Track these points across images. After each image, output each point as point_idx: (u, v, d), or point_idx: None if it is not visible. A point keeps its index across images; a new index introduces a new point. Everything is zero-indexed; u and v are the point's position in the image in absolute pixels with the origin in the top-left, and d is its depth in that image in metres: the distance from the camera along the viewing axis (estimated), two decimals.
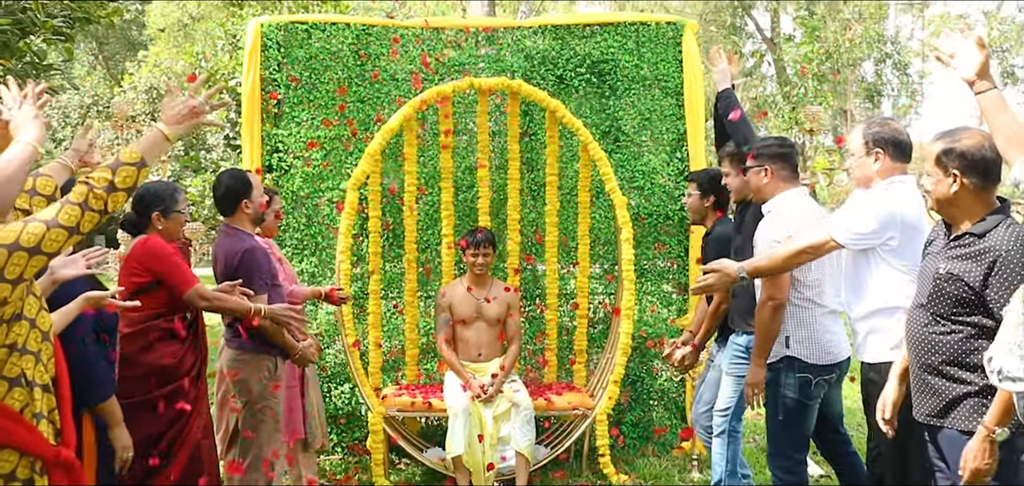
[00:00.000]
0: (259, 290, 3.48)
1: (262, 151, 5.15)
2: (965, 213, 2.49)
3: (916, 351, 2.58)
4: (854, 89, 19.71)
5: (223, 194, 3.62)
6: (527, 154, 5.34)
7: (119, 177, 2.12)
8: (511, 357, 4.75)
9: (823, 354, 3.27)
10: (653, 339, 5.33)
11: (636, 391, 5.38)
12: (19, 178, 2.12)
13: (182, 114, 2.33)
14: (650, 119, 5.39)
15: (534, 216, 5.36)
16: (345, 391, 5.25)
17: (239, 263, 3.47)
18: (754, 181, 3.48)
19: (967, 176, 2.45)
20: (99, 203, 2.08)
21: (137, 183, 2.17)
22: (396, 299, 5.31)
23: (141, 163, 2.17)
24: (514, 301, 4.89)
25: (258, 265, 3.52)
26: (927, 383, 2.54)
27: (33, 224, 1.99)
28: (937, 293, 2.49)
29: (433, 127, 5.29)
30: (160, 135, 2.28)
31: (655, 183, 5.37)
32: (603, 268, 5.45)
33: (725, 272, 3.14)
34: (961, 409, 2.45)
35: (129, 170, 2.14)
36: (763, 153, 3.47)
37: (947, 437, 2.49)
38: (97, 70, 22.15)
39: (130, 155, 2.16)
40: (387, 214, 5.22)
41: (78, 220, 2.04)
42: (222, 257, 3.55)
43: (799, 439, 3.35)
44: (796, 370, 3.26)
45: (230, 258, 3.51)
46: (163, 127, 2.30)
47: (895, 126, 3.10)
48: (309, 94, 5.24)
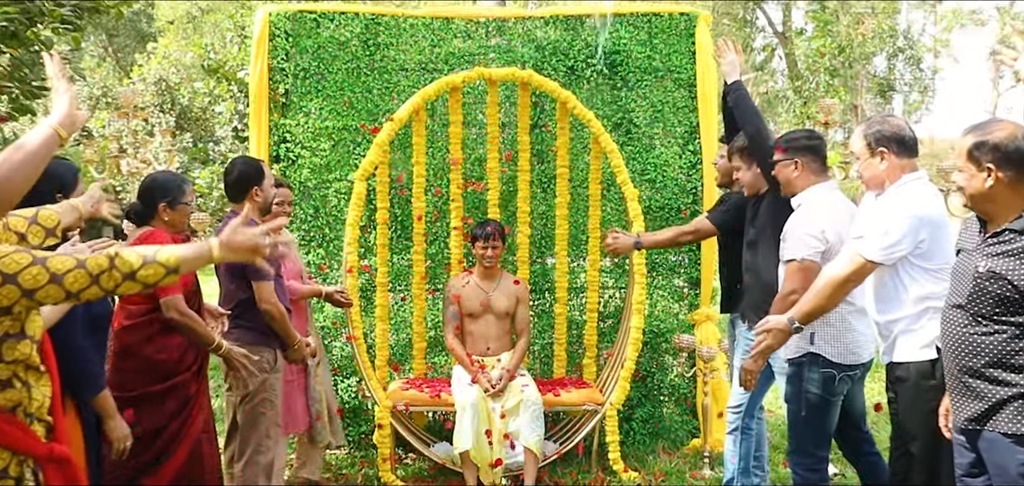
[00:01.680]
0: (264, 278, 3.47)
1: (269, 141, 5.12)
2: (1002, 208, 2.41)
3: (956, 354, 2.49)
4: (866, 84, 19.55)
5: (235, 179, 3.61)
6: (537, 146, 5.29)
7: (144, 271, 1.94)
8: (520, 351, 4.71)
9: (847, 353, 3.20)
10: (664, 334, 5.28)
11: (647, 387, 5.33)
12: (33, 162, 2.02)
13: (243, 245, 2.10)
14: (662, 111, 5.33)
15: (544, 209, 5.31)
16: (351, 385, 5.22)
17: None
18: (783, 174, 3.42)
19: (1002, 169, 2.37)
20: (110, 284, 1.93)
21: (158, 284, 2.00)
22: (404, 291, 5.27)
23: (174, 270, 1.98)
24: (523, 294, 4.85)
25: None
26: (968, 386, 2.46)
27: (37, 268, 1.88)
28: (977, 293, 2.41)
29: (442, 118, 5.24)
30: (209, 252, 2.08)
31: (667, 176, 5.32)
32: (614, 262, 5.40)
33: (779, 330, 3.04)
34: (1006, 412, 2.37)
35: (157, 271, 1.96)
36: (792, 145, 3.41)
37: (990, 440, 2.42)
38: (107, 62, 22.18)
39: (168, 259, 1.97)
40: (395, 206, 5.18)
41: (81, 289, 1.90)
42: None
43: (821, 436, 3.29)
44: (820, 366, 3.20)
45: None
46: (215, 247, 2.08)
47: (896, 122, 3.01)
48: (317, 84, 5.20)
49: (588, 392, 4.83)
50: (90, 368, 2.65)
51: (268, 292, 3.50)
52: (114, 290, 1.94)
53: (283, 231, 4.34)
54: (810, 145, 3.39)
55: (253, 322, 3.54)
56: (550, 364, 5.26)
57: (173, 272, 1.98)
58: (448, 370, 5.14)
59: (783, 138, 3.49)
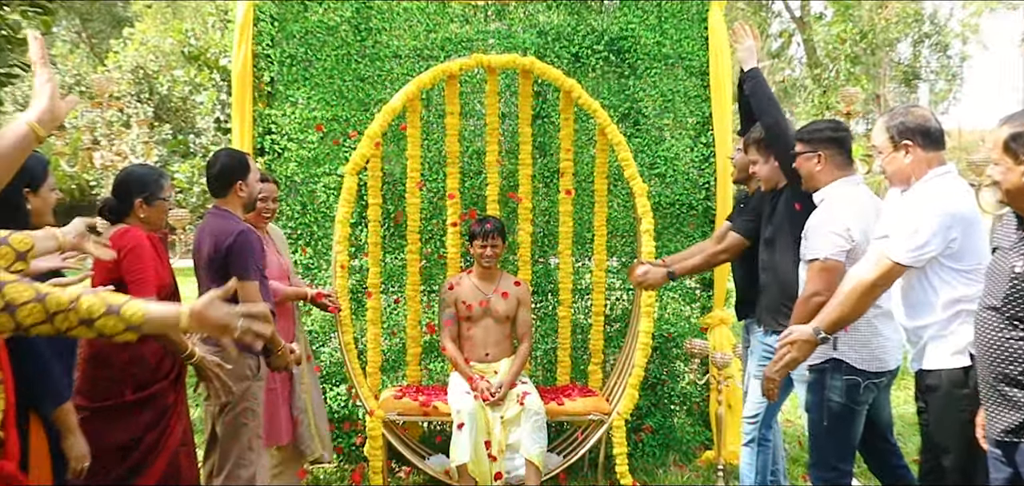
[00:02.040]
0: (252, 277, 3.47)
1: (254, 133, 5.11)
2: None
3: (990, 360, 2.48)
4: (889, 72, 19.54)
5: (218, 172, 3.60)
6: (540, 138, 5.28)
7: (104, 321, 1.90)
8: (521, 357, 4.70)
9: (873, 359, 3.18)
10: (675, 339, 5.27)
11: (656, 395, 5.32)
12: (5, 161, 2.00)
13: (215, 322, 2.04)
14: (673, 101, 5.33)
15: (547, 205, 5.30)
16: (341, 393, 5.20)
17: (232, 244, 3.45)
18: (804, 167, 3.41)
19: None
20: (64, 326, 1.88)
21: (114, 337, 1.96)
22: (397, 293, 5.25)
23: (135, 328, 1.93)
24: (525, 296, 4.84)
25: (252, 249, 3.51)
26: (1004, 395, 2.44)
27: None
28: (1014, 294, 2.39)
29: (438, 108, 5.23)
30: (177, 318, 2.01)
31: (677, 170, 5.31)
32: (621, 261, 5.40)
33: (804, 341, 3.02)
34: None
35: (117, 325, 1.91)
36: (815, 138, 3.39)
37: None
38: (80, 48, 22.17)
39: (132, 316, 1.92)
40: (388, 201, 5.17)
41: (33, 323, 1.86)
42: (210, 240, 3.51)
43: (844, 447, 3.27)
44: (843, 373, 3.18)
45: (221, 239, 3.48)
46: (185, 316, 2.01)
47: (920, 112, 2.99)
48: (305, 72, 5.19)
49: (594, 401, 4.82)
50: (52, 380, 2.61)
51: (253, 293, 3.49)
52: (66, 332, 1.89)
53: (270, 226, 4.34)
54: (835, 137, 3.38)
55: None
56: (553, 371, 5.25)
57: (133, 330, 1.93)
58: (444, 377, 5.13)
59: (805, 129, 3.48)
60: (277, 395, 4.09)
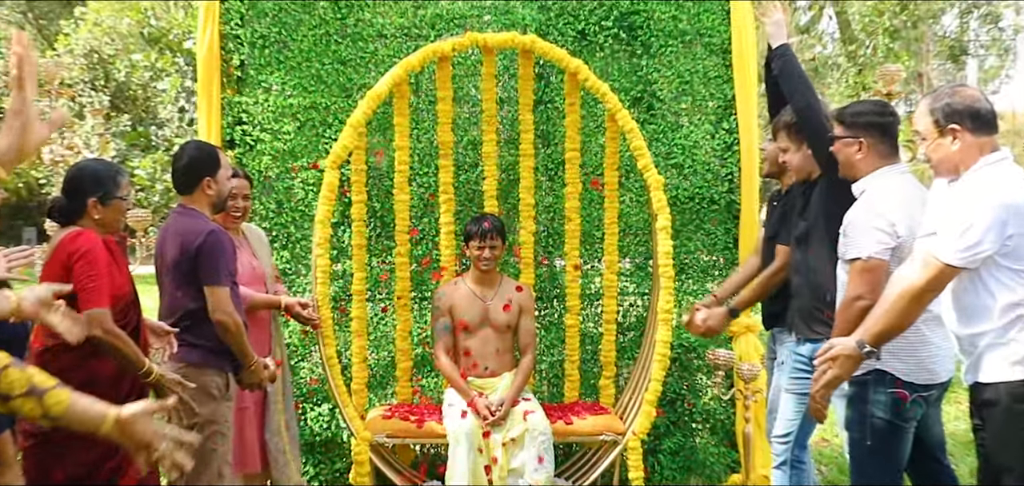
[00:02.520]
0: (223, 282, 3.49)
1: (222, 123, 5.10)
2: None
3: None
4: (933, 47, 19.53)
5: (185, 167, 3.62)
6: (542, 125, 5.28)
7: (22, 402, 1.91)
8: (524, 371, 4.70)
9: (922, 371, 3.17)
10: (696, 349, 5.26)
11: (676, 412, 5.32)
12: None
13: (139, 437, 2.03)
14: (691, 82, 5.33)
15: (551, 200, 5.30)
16: (323, 413, 5.20)
17: (202, 245, 3.47)
18: (844, 154, 3.40)
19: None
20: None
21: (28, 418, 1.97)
22: (385, 301, 5.25)
23: (53, 419, 1.94)
24: (528, 303, 4.84)
25: (224, 251, 3.53)
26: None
27: None
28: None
29: (429, 94, 5.22)
30: (102, 419, 2.00)
31: (697, 159, 5.31)
32: (635, 263, 5.40)
33: (847, 356, 3.00)
34: None
35: (35, 409, 1.92)
36: (858, 122, 3.37)
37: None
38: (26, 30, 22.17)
39: (54, 404, 1.94)
40: (374, 199, 5.16)
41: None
42: (177, 240, 3.51)
43: (889, 469, 3.27)
44: (888, 385, 3.18)
45: (189, 240, 3.48)
46: (110, 419, 2.01)
47: (969, 92, 2.98)
48: (279, 54, 5.18)
49: (606, 419, 4.82)
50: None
51: (224, 300, 3.50)
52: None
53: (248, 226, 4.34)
54: (880, 122, 3.36)
55: (200, 338, 3.53)
56: (560, 386, 5.25)
57: (50, 420, 1.94)
58: (438, 395, 5.12)
59: (847, 111, 3.45)
60: (248, 416, 4.09)
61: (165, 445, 2.04)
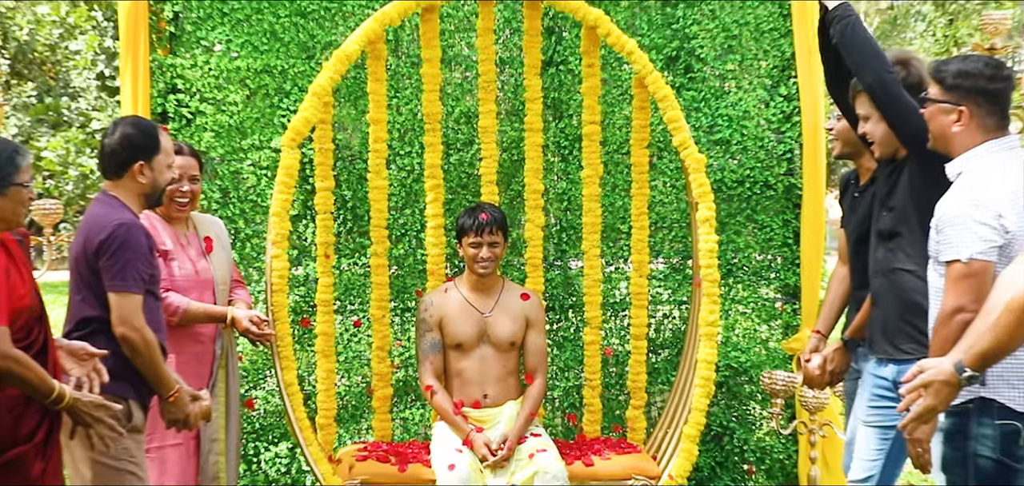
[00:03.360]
0: (132, 288, 3.46)
1: (152, 93, 5.11)
2: None
3: None
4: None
5: (115, 147, 3.64)
6: (553, 93, 5.31)
7: None
8: (532, 399, 4.71)
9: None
10: (748, 371, 5.27)
11: (723, 450, 5.35)
12: None
13: None
14: (739, 37, 5.37)
15: (565, 186, 5.31)
16: (281, 453, 5.21)
17: (106, 240, 3.45)
18: (937, 123, 3.38)
19: None
20: None
21: None
22: (358, 313, 5.26)
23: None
24: (536, 315, 4.84)
25: (135, 248, 3.49)
26: None
27: None
28: None
29: (411, 55, 5.23)
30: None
31: (747, 133, 5.34)
32: (670, 264, 5.42)
33: (942, 382, 2.99)
34: None
35: None
36: (961, 84, 3.34)
37: None
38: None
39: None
40: (343, 185, 5.17)
41: None
42: (84, 231, 3.51)
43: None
44: (995, 416, 3.18)
45: (93, 232, 3.49)
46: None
47: None
48: (222, 5, 5.20)
49: (635, 459, 4.83)
50: None
51: (130, 310, 3.47)
52: None
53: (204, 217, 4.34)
54: (990, 89, 3.33)
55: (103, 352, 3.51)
56: (578, 418, 5.26)
57: None
58: (426, 429, 5.13)
59: (947, 67, 3.41)
60: (176, 456, 4.08)
61: None
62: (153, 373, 3.58)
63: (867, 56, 3.77)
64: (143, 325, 3.51)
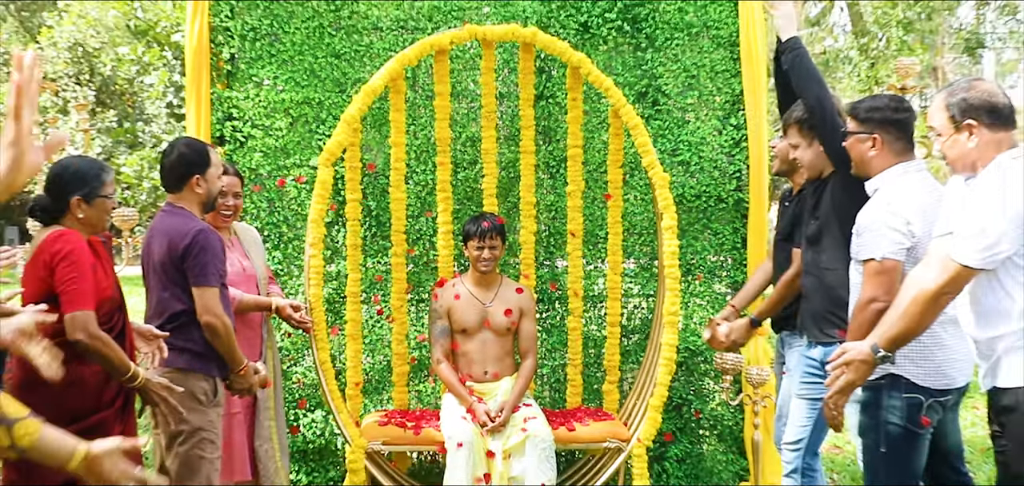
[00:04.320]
0: (212, 283, 3.50)
1: (212, 119, 5.10)
2: None
3: None
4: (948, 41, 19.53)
5: (174, 163, 3.64)
6: (544, 121, 5.29)
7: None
8: (525, 376, 4.71)
9: (938, 374, 3.17)
10: (703, 353, 5.27)
11: (682, 418, 5.33)
12: None
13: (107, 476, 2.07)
14: (697, 76, 5.33)
15: (553, 198, 5.31)
16: (317, 420, 5.20)
17: (190, 245, 3.47)
18: (857, 150, 3.40)
19: None
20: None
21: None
22: (381, 304, 5.25)
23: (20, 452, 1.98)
24: (529, 306, 4.84)
25: (213, 250, 3.52)
26: None
27: None
28: None
29: (426, 89, 5.22)
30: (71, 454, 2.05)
31: (704, 156, 5.31)
32: (640, 264, 5.40)
33: (861, 361, 3.00)
34: None
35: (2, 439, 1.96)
36: (872, 117, 3.37)
37: None
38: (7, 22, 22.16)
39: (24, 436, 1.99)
40: (369, 197, 5.16)
41: None
42: (164, 239, 3.51)
43: (905, 476, 3.27)
44: (903, 390, 3.18)
45: (177, 239, 3.48)
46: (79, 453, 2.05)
47: (986, 87, 2.99)
48: (270, 48, 5.19)
49: (610, 426, 4.82)
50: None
51: (212, 302, 3.49)
52: None
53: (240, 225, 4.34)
54: (896, 118, 3.35)
55: (187, 342, 3.53)
56: (562, 391, 5.26)
57: (18, 452, 1.98)
58: (436, 400, 5.12)
59: (861, 105, 3.44)
60: (237, 422, 4.09)
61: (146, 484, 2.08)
62: (229, 352, 3.61)
63: (810, 81, 3.80)
64: (222, 313, 3.54)
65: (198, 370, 3.56)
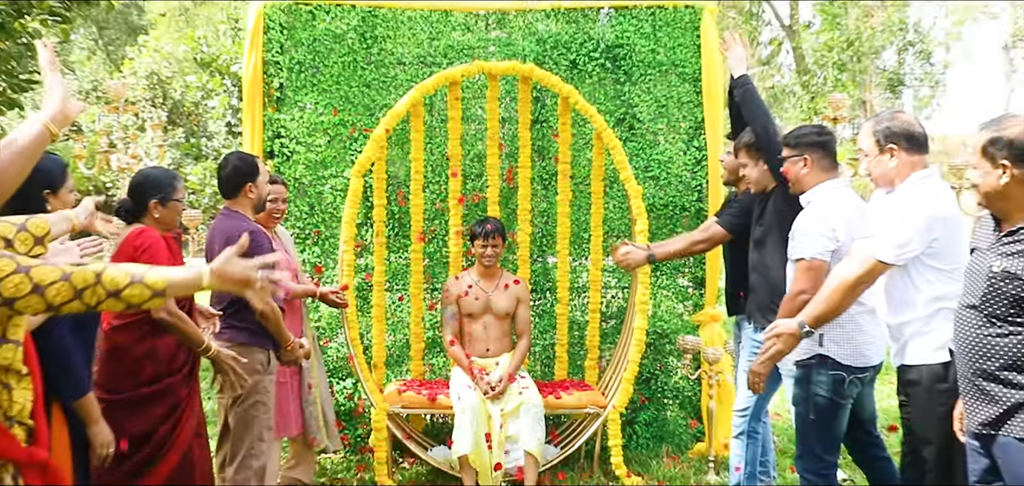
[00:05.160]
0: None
1: (264, 137, 5.11)
2: (1017, 206, 2.40)
3: (969, 356, 2.49)
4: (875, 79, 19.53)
5: (229, 174, 3.64)
6: (538, 141, 5.29)
7: (130, 290, 1.91)
8: (520, 353, 4.71)
9: (857, 354, 3.19)
10: (668, 335, 5.27)
11: (650, 389, 5.33)
12: (23, 158, 2.01)
13: (235, 277, 2.07)
14: (666, 106, 5.33)
15: (545, 206, 5.31)
16: (347, 387, 5.21)
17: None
18: (792, 171, 3.42)
19: (1017, 166, 2.36)
20: (93, 300, 1.90)
21: (142, 305, 1.98)
22: (401, 291, 5.26)
23: (160, 294, 1.95)
24: (524, 294, 4.84)
25: (262, 249, 3.51)
26: (982, 389, 2.46)
27: (19, 276, 1.85)
28: (992, 293, 2.40)
29: (441, 113, 5.23)
30: (199, 279, 2.04)
31: (671, 172, 5.31)
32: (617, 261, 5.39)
33: (789, 334, 3.03)
34: (1021, 416, 2.36)
35: (143, 292, 1.93)
36: (801, 142, 3.39)
37: (1004, 445, 2.41)
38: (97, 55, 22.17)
39: (155, 282, 1.94)
40: (392, 203, 5.17)
41: (63, 302, 1.87)
42: (222, 238, 3.52)
43: (830, 440, 3.28)
44: (828, 368, 3.19)
45: (233, 239, 3.47)
46: (206, 274, 2.04)
47: (905, 117, 3.02)
48: (312, 78, 5.19)
49: (590, 395, 4.83)
50: (74, 371, 2.63)
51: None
52: (96, 307, 1.90)
53: (278, 228, 4.34)
54: (820, 141, 3.39)
55: (245, 322, 3.54)
56: (551, 366, 5.26)
57: (159, 295, 1.94)
58: (446, 372, 5.13)
59: (792, 134, 3.49)
60: (287, 388, 4.10)
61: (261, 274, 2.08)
62: (277, 332, 3.61)
63: (758, 112, 3.82)
64: (270, 300, 3.51)
65: (255, 344, 3.58)
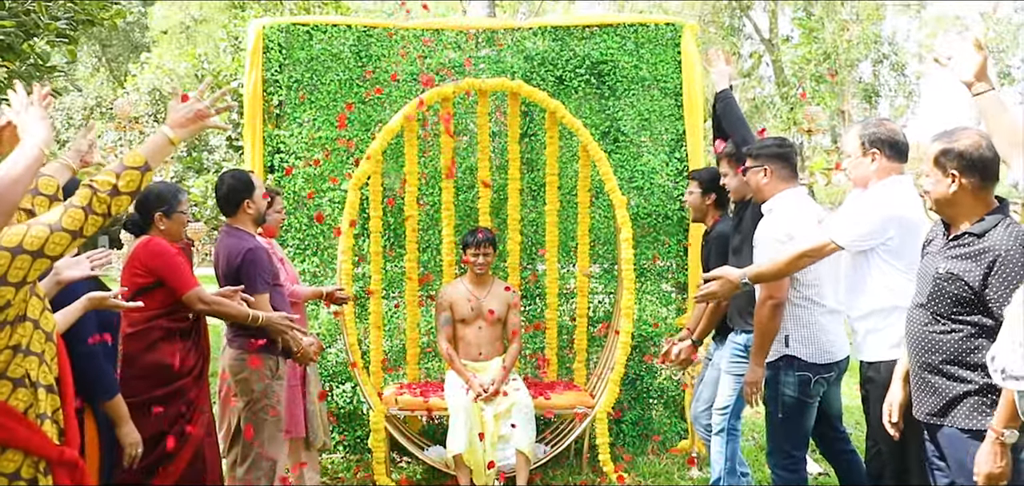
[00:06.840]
0: (260, 290, 3.50)
1: (264, 152, 5.15)
2: (964, 213, 2.49)
3: (916, 350, 2.58)
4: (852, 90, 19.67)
5: (226, 194, 3.64)
6: (527, 154, 5.34)
7: (123, 181, 2.09)
8: (511, 356, 4.75)
9: (822, 353, 3.26)
10: (653, 338, 5.32)
11: (636, 390, 5.37)
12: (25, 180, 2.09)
13: (187, 117, 2.27)
14: (649, 120, 5.38)
15: (534, 215, 5.36)
16: (346, 390, 5.24)
17: (241, 263, 3.49)
18: (753, 181, 3.49)
19: (966, 176, 2.44)
20: (103, 206, 2.05)
21: (141, 187, 2.13)
22: (397, 298, 5.30)
23: (145, 167, 2.13)
24: (514, 300, 4.89)
25: (260, 265, 3.53)
26: (927, 382, 2.54)
27: (37, 228, 1.98)
28: (937, 293, 2.49)
29: (434, 128, 5.28)
30: (165, 139, 2.22)
31: (654, 183, 5.36)
32: (603, 268, 5.45)
33: (727, 279, 3.15)
34: (962, 407, 2.45)
35: (133, 174, 2.10)
36: (762, 153, 3.47)
37: (947, 435, 2.50)
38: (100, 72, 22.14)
39: (134, 159, 2.12)
40: (388, 214, 5.21)
41: (82, 224, 2.02)
42: (223, 257, 3.55)
43: (798, 437, 3.35)
44: (795, 368, 3.26)
45: (232, 258, 3.52)
46: (168, 131, 2.23)
47: (892, 126, 3.10)
48: (310, 95, 5.23)
49: (578, 395, 4.88)
50: (103, 373, 2.70)
51: (264, 304, 3.53)
52: (108, 211, 2.07)
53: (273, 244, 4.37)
54: (779, 153, 3.46)
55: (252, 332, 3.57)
56: (541, 368, 5.29)
57: (146, 169, 2.14)
58: (441, 375, 5.17)
59: (754, 146, 3.56)
60: (296, 391, 4.12)
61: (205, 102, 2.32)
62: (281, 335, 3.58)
63: (739, 124, 3.90)
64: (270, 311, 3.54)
65: (264, 351, 3.59)
